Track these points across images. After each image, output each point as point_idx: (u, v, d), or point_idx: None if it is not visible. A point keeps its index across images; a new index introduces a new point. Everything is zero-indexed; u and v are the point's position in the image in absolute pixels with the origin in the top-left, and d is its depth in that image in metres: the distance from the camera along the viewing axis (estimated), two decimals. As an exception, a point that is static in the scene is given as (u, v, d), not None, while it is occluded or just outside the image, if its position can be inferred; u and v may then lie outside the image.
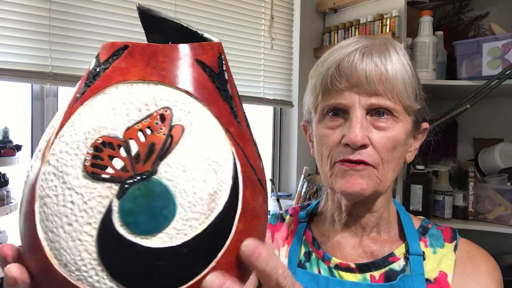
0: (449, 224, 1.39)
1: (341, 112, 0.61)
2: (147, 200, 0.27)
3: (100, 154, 0.28)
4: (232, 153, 0.31)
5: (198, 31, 0.34)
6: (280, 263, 0.31)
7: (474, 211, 1.63)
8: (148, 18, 0.35)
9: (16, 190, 1.26)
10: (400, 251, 0.64)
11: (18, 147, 1.25)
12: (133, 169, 0.27)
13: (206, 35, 0.34)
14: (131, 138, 0.28)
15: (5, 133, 1.27)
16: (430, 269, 0.62)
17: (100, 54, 0.32)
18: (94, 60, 0.32)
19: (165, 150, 0.28)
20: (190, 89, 0.30)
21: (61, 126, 0.30)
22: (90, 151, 0.28)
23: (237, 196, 0.30)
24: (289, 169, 2.04)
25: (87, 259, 0.27)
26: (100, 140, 0.28)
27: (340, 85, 0.59)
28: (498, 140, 1.81)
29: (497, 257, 0.67)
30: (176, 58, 0.30)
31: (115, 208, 0.27)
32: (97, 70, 0.31)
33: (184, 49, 0.31)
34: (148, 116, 0.29)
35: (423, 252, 0.64)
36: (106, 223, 0.27)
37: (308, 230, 0.71)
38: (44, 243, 0.28)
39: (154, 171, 0.27)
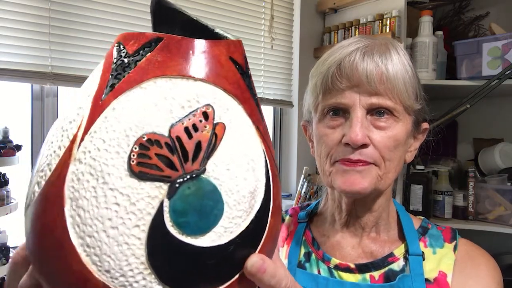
0: (449, 224, 1.39)
1: (341, 112, 0.61)
2: (198, 199, 0.27)
3: (147, 152, 0.27)
4: (263, 151, 0.31)
5: (208, 25, 0.34)
6: (284, 275, 0.32)
7: (474, 211, 1.63)
8: (162, 9, 0.34)
9: (16, 190, 1.26)
10: (399, 251, 0.64)
11: (18, 147, 1.25)
12: (183, 168, 0.27)
13: (218, 30, 0.34)
14: (177, 136, 0.27)
15: (5, 133, 1.27)
16: (430, 269, 0.62)
17: (124, 43, 0.29)
18: (115, 50, 0.30)
19: (211, 149, 0.28)
20: (227, 86, 0.30)
21: (91, 121, 0.27)
22: (136, 149, 0.26)
23: (269, 193, 0.31)
24: (289, 169, 2.04)
25: (135, 263, 0.26)
26: (146, 138, 0.27)
27: (340, 84, 0.59)
28: (498, 140, 1.81)
29: (497, 257, 0.67)
30: (212, 54, 0.30)
31: (166, 208, 0.26)
32: (126, 61, 0.29)
33: (219, 45, 0.31)
34: (191, 113, 0.28)
35: (423, 252, 0.64)
36: (156, 225, 0.26)
37: (307, 230, 0.71)
38: (79, 250, 0.26)
39: (203, 170, 0.27)
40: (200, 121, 0.28)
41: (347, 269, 0.64)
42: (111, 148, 0.27)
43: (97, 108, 0.28)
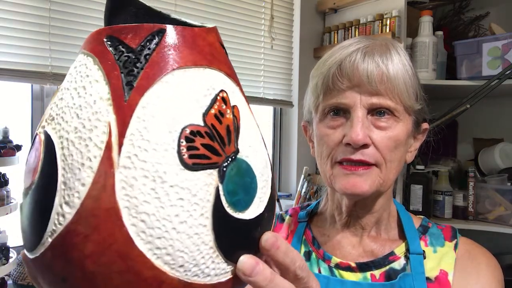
0: (449, 224, 1.39)
1: (342, 112, 0.61)
2: (241, 178, 0.29)
3: (194, 144, 0.27)
4: (257, 125, 0.34)
5: (162, 11, 0.34)
6: (297, 256, 0.32)
7: (474, 211, 1.63)
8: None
9: (16, 190, 1.26)
10: (400, 250, 0.64)
11: (18, 147, 1.25)
12: (224, 152, 0.29)
13: (174, 16, 0.34)
14: (212, 124, 0.28)
15: (5, 133, 1.27)
16: (431, 268, 0.62)
17: (118, 38, 0.28)
18: (108, 45, 0.29)
19: (236, 130, 0.30)
20: (227, 70, 0.31)
21: (123, 123, 0.26)
22: (183, 143, 0.27)
23: (270, 164, 0.34)
24: (289, 169, 2.04)
25: (205, 250, 0.27)
26: (188, 130, 0.27)
27: (341, 85, 0.59)
28: (498, 140, 1.81)
29: (497, 257, 0.67)
30: (211, 41, 0.31)
31: (221, 192, 0.28)
32: (133, 56, 0.28)
33: (212, 32, 0.32)
34: (214, 100, 0.29)
35: (424, 251, 0.64)
36: (217, 209, 0.28)
37: (308, 229, 0.71)
38: (148, 255, 0.26)
39: (237, 151, 0.29)
40: (222, 106, 0.30)
41: (348, 268, 0.64)
42: (159, 146, 0.26)
43: (124, 109, 0.27)
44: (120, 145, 0.26)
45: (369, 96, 0.59)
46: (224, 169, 0.28)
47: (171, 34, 0.29)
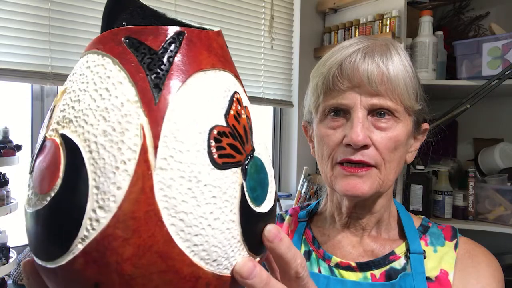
0: (449, 224, 1.39)
1: (342, 113, 0.61)
2: (258, 174, 0.31)
3: (221, 144, 0.29)
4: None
5: (158, 10, 0.34)
6: (299, 253, 0.31)
7: (474, 211, 1.63)
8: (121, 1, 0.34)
9: (16, 190, 1.26)
10: (400, 249, 0.64)
11: (18, 147, 1.25)
12: (244, 151, 0.30)
13: (171, 15, 0.34)
14: (233, 124, 0.30)
15: (5, 133, 1.27)
16: (431, 268, 0.62)
17: (139, 39, 0.29)
18: (131, 47, 0.28)
19: (250, 130, 0.32)
20: (234, 71, 0.33)
21: (156, 125, 0.27)
22: (213, 144, 0.28)
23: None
24: (289, 169, 2.04)
25: (234, 244, 0.29)
26: (216, 131, 0.29)
27: (341, 85, 0.59)
28: (498, 140, 1.81)
29: (497, 257, 0.67)
30: (221, 43, 0.32)
31: (245, 188, 0.30)
32: (156, 58, 0.28)
33: (220, 35, 0.32)
34: (231, 102, 0.31)
35: (424, 250, 0.64)
36: (242, 204, 0.29)
37: (308, 229, 0.71)
38: (187, 252, 0.27)
39: (253, 149, 0.31)
40: (238, 107, 0.31)
41: (348, 268, 0.64)
42: (192, 147, 0.27)
43: (155, 111, 0.27)
44: (156, 147, 0.26)
45: (370, 97, 0.59)
46: (246, 167, 0.30)
47: (190, 37, 0.29)
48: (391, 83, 0.58)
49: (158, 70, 0.28)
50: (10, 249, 1.23)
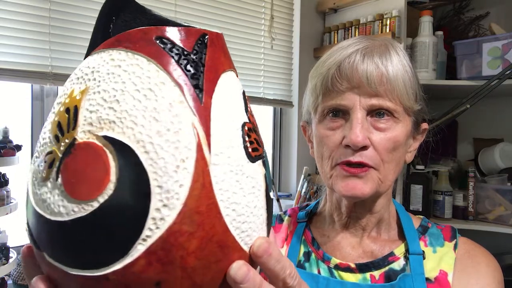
0: (449, 224, 1.39)
1: (341, 113, 0.61)
2: (268, 166, 0.34)
3: (251, 139, 0.31)
4: None
5: (152, 10, 0.34)
6: (288, 263, 0.31)
7: (474, 211, 1.63)
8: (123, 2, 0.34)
9: (16, 190, 1.26)
10: (400, 250, 0.64)
11: (18, 147, 1.25)
12: (262, 146, 0.33)
13: (155, 12, 0.34)
14: (252, 120, 0.33)
15: (5, 133, 1.27)
16: (430, 268, 0.62)
17: (171, 39, 0.29)
18: (162, 45, 0.29)
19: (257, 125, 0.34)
20: (236, 73, 0.34)
21: (206, 124, 0.28)
22: (247, 139, 0.31)
23: None
24: (289, 169, 2.04)
25: (263, 227, 0.32)
26: (247, 127, 0.31)
27: (340, 86, 0.59)
28: (498, 140, 1.81)
29: (497, 257, 0.67)
30: (225, 45, 0.33)
31: (266, 178, 0.33)
32: (191, 59, 0.29)
33: (222, 36, 0.34)
34: (245, 100, 0.33)
35: (423, 251, 0.64)
36: (267, 192, 0.32)
37: (307, 230, 0.71)
38: (238, 240, 0.29)
39: (263, 143, 0.34)
40: (249, 105, 0.34)
41: (348, 269, 0.64)
42: (234, 143, 0.30)
43: (203, 111, 0.28)
44: (209, 144, 0.28)
45: (369, 98, 0.59)
46: (264, 159, 0.33)
47: (212, 39, 0.31)
48: (390, 83, 0.58)
49: (195, 71, 0.29)
50: (10, 249, 1.23)
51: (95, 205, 0.26)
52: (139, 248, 0.26)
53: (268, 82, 1.94)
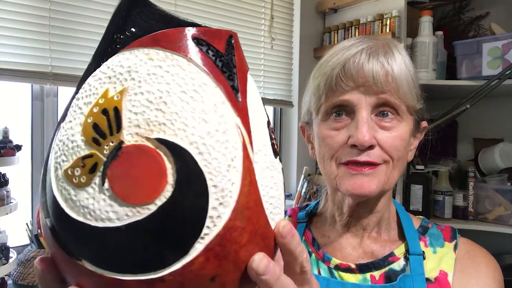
0: (449, 224, 1.39)
1: (345, 113, 0.61)
2: None
3: (274, 137, 0.34)
4: None
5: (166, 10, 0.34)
6: (305, 248, 0.32)
7: (474, 211, 1.63)
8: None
9: (16, 190, 1.26)
10: (400, 251, 0.64)
11: (18, 147, 1.25)
12: None
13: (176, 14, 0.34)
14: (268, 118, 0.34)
15: (5, 133, 1.27)
16: (431, 269, 0.62)
17: (207, 41, 0.29)
18: (198, 47, 0.29)
19: None
20: None
21: (246, 124, 0.30)
22: (272, 137, 0.33)
23: None
24: (289, 169, 2.04)
25: (283, 217, 0.34)
26: (271, 125, 0.33)
27: (345, 86, 0.59)
28: (498, 140, 1.81)
29: (497, 257, 0.67)
30: None
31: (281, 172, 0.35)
32: (225, 61, 0.30)
33: None
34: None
35: (423, 251, 0.64)
36: (284, 185, 0.35)
37: (307, 230, 0.71)
38: (273, 230, 0.31)
39: None
40: None
41: (348, 269, 0.64)
42: (266, 140, 0.32)
43: (242, 111, 0.30)
44: (251, 143, 0.29)
45: (374, 96, 0.59)
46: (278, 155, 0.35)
47: (235, 39, 0.31)
48: (395, 82, 0.58)
49: (230, 72, 0.30)
50: (10, 249, 1.23)
51: (152, 208, 0.26)
52: (198, 247, 0.26)
53: (268, 82, 1.94)
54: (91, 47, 1.42)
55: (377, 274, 0.63)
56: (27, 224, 1.34)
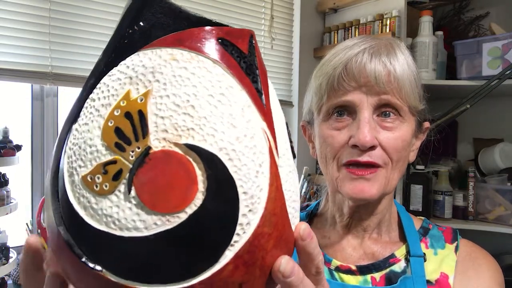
0: (449, 224, 1.39)
1: (346, 113, 0.60)
2: None
3: (291, 139, 0.34)
4: None
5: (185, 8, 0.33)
6: (320, 251, 0.32)
7: (474, 211, 1.63)
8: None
9: (16, 190, 1.26)
10: (401, 252, 0.64)
11: (18, 147, 1.25)
12: None
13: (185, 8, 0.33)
14: None
15: (5, 133, 1.27)
16: (431, 271, 0.62)
17: (231, 41, 0.28)
18: (225, 48, 0.28)
19: None
20: None
21: (271, 128, 0.29)
22: (290, 138, 0.33)
23: None
24: (289, 169, 2.04)
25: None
26: (288, 127, 0.34)
27: (347, 86, 0.59)
28: (498, 140, 1.81)
29: (497, 257, 0.67)
30: None
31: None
32: (248, 62, 0.29)
33: None
34: None
35: (424, 253, 0.63)
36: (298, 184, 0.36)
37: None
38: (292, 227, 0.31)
39: None
40: None
41: (348, 271, 0.63)
42: (287, 143, 0.31)
43: (267, 115, 0.29)
44: (276, 148, 0.29)
45: (376, 96, 0.58)
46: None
47: (255, 40, 0.31)
48: (398, 82, 0.58)
49: (253, 74, 0.29)
50: (10, 249, 1.23)
51: (183, 216, 0.25)
52: (228, 254, 0.26)
53: (268, 82, 1.94)
54: (91, 47, 1.41)
55: (377, 275, 0.62)
56: (27, 224, 1.34)
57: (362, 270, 0.63)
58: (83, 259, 0.26)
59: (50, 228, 0.28)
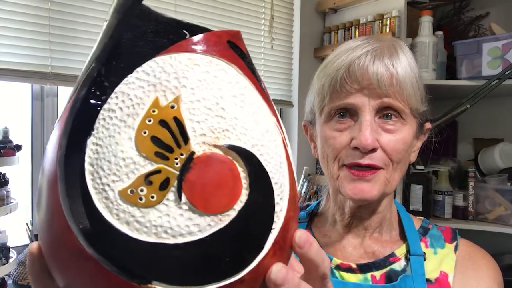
0: (449, 224, 1.39)
1: (348, 114, 0.60)
2: None
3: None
4: None
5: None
6: (325, 255, 0.32)
7: (474, 211, 1.63)
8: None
9: (16, 190, 1.26)
10: (401, 251, 0.64)
11: (18, 147, 1.25)
12: None
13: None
14: None
15: (5, 133, 1.27)
16: (431, 270, 0.62)
17: (238, 44, 0.30)
18: (233, 49, 0.29)
19: None
20: None
21: (279, 120, 0.32)
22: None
23: None
24: (289, 169, 2.04)
25: None
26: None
27: (350, 88, 0.59)
28: (498, 140, 1.81)
29: (497, 257, 0.67)
30: None
31: None
32: (250, 62, 0.31)
33: None
34: None
35: (424, 252, 0.64)
36: None
37: (308, 230, 0.71)
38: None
39: None
40: None
41: (349, 269, 0.64)
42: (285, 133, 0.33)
43: (273, 110, 0.32)
44: (285, 138, 0.32)
45: (378, 99, 0.58)
46: None
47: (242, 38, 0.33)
48: (400, 85, 0.58)
49: (256, 73, 0.31)
50: (10, 249, 1.23)
51: (233, 213, 0.26)
52: (269, 242, 0.28)
53: (268, 82, 1.94)
54: (91, 47, 1.41)
55: (378, 274, 0.63)
56: (27, 224, 1.34)
57: (363, 268, 0.63)
58: (128, 275, 0.25)
59: (72, 249, 0.26)
